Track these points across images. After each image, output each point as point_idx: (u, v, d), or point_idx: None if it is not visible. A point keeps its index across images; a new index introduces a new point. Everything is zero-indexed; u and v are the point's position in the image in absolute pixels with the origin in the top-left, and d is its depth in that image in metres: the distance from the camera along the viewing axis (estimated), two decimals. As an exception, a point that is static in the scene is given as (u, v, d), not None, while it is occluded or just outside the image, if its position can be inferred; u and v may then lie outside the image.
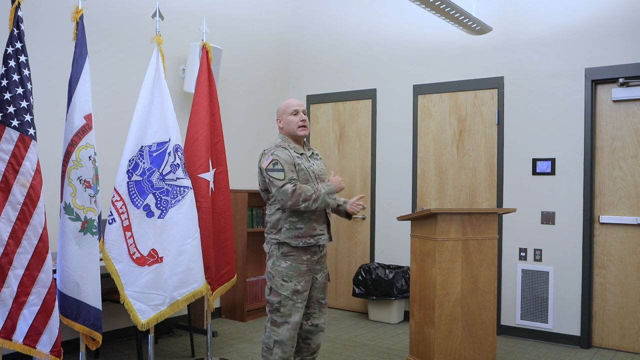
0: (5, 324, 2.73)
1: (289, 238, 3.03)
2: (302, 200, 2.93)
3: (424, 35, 5.22)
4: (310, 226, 3.04)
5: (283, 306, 3.02)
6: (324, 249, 3.20)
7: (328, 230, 3.14)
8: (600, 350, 4.40)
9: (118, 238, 3.31)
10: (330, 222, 3.17)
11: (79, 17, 3.12)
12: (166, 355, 4.17)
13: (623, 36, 4.32)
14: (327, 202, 3.00)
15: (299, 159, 3.08)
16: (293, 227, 3.03)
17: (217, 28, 5.10)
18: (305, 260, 3.06)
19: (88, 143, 3.04)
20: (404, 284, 5.04)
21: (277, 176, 2.98)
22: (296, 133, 3.12)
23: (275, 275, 3.05)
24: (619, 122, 4.42)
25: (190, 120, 3.91)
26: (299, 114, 3.12)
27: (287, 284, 3.02)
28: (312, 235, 3.05)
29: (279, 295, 3.03)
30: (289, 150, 3.08)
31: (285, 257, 3.04)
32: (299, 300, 3.04)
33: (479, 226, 3.67)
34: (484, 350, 3.67)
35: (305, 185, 3.00)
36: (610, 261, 4.43)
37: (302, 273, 3.05)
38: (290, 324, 3.03)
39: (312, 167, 3.13)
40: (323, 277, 3.22)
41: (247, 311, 5.18)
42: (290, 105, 3.14)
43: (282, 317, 3.02)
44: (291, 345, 3.06)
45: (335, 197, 3.08)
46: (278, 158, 3.00)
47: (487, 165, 4.91)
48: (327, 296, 3.28)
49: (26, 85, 2.81)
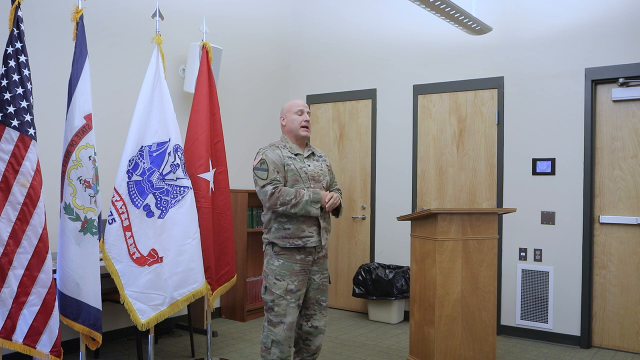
0: (5, 324, 2.73)
1: (277, 238, 3.05)
2: (280, 204, 2.95)
3: (424, 35, 5.22)
4: (298, 227, 3.02)
5: (277, 305, 3.02)
6: (323, 251, 3.17)
7: (319, 233, 3.07)
8: (600, 350, 4.40)
9: (118, 238, 3.31)
10: (324, 225, 3.10)
11: (79, 17, 3.12)
12: (166, 355, 4.17)
13: (623, 36, 4.32)
14: (307, 210, 2.95)
15: (290, 159, 3.06)
16: (281, 228, 3.03)
17: (217, 28, 5.10)
18: (299, 260, 3.05)
19: (88, 143, 3.04)
20: (404, 284, 5.04)
21: (261, 175, 3.02)
22: (298, 132, 3.13)
23: (269, 273, 3.06)
24: (619, 122, 4.42)
25: (190, 120, 3.91)
26: (304, 114, 3.13)
27: (280, 283, 3.02)
28: (299, 237, 3.02)
29: (272, 294, 3.03)
30: (281, 150, 3.07)
31: (278, 256, 3.04)
32: (292, 300, 3.02)
33: (479, 226, 3.67)
34: (484, 350, 3.67)
35: (287, 188, 2.98)
36: (610, 261, 4.43)
37: (296, 272, 3.04)
38: (285, 324, 3.02)
39: (306, 168, 3.10)
40: (321, 279, 3.18)
41: (247, 311, 5.18)
42: (296, 105, 3.16)
43: (277, 316, 3.02)
44: (288, 345, 3.05)
45: (319, 207, 2.98)
46: (266, 158, 3.03)
47: (487, 165, 4.91)
48: (328, 298, 3.26)
49: (26, 85, 2.81)
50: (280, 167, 3.03)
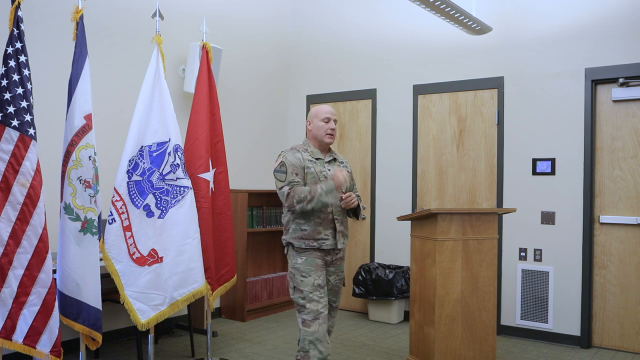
0: (5, 324, 2.73)
1: (294, 239, 3.09)
2: (297, 202, 2.97)
3: (424, 35, 5.22)
4: (314, 229, 3.06)
5: (308, 302, 3.00)
6: (340, 253, 3.19)
7: (334, 236, 3.10)
8: (600, 350, 4.40)
9: (118, 238, 3.31)
10: (340, 228, 3.13)
11: (79, 17, 3.12)
12: (166, 355, 4.17)
13: (623, 36, 4.32)
14: (323, 201, 2.95)
15: (310, 162, 3.11)
16: (298, 229, 3.07)
17: (217, 28, 5.10)
18: (320, 255, 3.09)
19: (88, 143, 3.04)
20: (404, 284, 5.04)
21: (279, 177, 3.06)
22: (322, 139, 3.17)
23: (295, 272, 3.07)
24: (619, 122, 4.42)
25: (190, 120, 3.91)
26: (330, 122, 3.16)
27: (307, 279, 3.03)
28: (315, 239, 3.06)
29: (301, 292, 3.02)
30: (302, 154, 3.12)
31: (300, 254, 3.07)
32: (322, 294, 3.03)
33: (479, 226, 3.67)
34: (484, 350, 3.67)
35: (301, 187, 3.02)
36: (610, 261, 4.42)
37: (320, 267, 3.07)
38: (320, 318, 2.99)
39: (326, 172, 3.13)
40: (336, 280, 3.22)
41: (247, 311, 5.18)
42: (324, 112, 3.18)
43: (310, 313, 2.99)
44: (326, 341, 3.02)
45: (336, 195, 2.99)
46: (285, 160, 3.07)
47: (487, 165, 4.91)
48: (339, 300, 3.28)
49: (26, 85, 2.81)
50: (299, 170, 3.07)
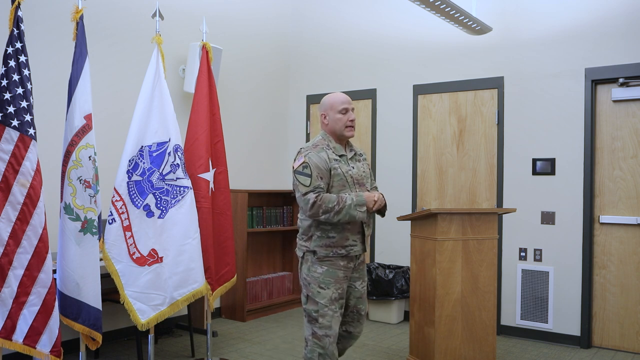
0: (5, 324, 2.73)
1: (319, 247, 2.82)
2: (323, 212, 2.72)
3: (424, 35, 5.22)
4: (343, 236, 2.82)
5: (322, 316, 2.80)
6: (362, 256, 2.99)
7: (362, 241, 2.90)
8: (600, 350, 4.40)
9: (118, 238, 3.31)
10: (366, 232, 2.93)
11: (79, 17, 3.12)
12: (166, 355, 4.17)
13: (623, 36, 4.32)
14: (352, 215, 2.73)
15: (336, 162, 2.83)
16: (325, 236, 2.81)
17: (217, 28, 5.10)
18: (342, 266, 2.85)
19: (88, 143, 3.04)
20: (404, 284, 5.04)
21: (303, 181, 2.76)
22: (343, 133, 2.89)
23: (312, 282, 2.83)
24: (619, 122, 4.42)
25: (190, 120, 3.91)
26: (348, 113, 2.88)
27: (325, 292, 2.80)
28: (343, 246, 2.83)
29: (316, 304, 2.81)
30: (326, 152, 2.83)
31: (322, 263, 2.82)
32: (337, 309, 2.83)
33: (479, 226, 3.67)
34: (484, 350, 3.67)
35: (329, 195, 2.75)
36: (610, 261, 4.42)
37: (340, 279, 2.84)
38: (331, 337, 2.82)
39: (351, 172, 2.88)
40: (363, 286, 3.01)
41: (247, 311, 5.18)
42: (340, 102, 2.90)
43: (322, 328, 2.80)
44: (336, 358, 2.89)
45: (364, 210, 2.78)
46: (309, 161, 2.77)
47: (487, 165, 4.91)
48: (366, 306, 3.07)
49: (26, 85, 2.81)
50: (325, 173, 2.79)
